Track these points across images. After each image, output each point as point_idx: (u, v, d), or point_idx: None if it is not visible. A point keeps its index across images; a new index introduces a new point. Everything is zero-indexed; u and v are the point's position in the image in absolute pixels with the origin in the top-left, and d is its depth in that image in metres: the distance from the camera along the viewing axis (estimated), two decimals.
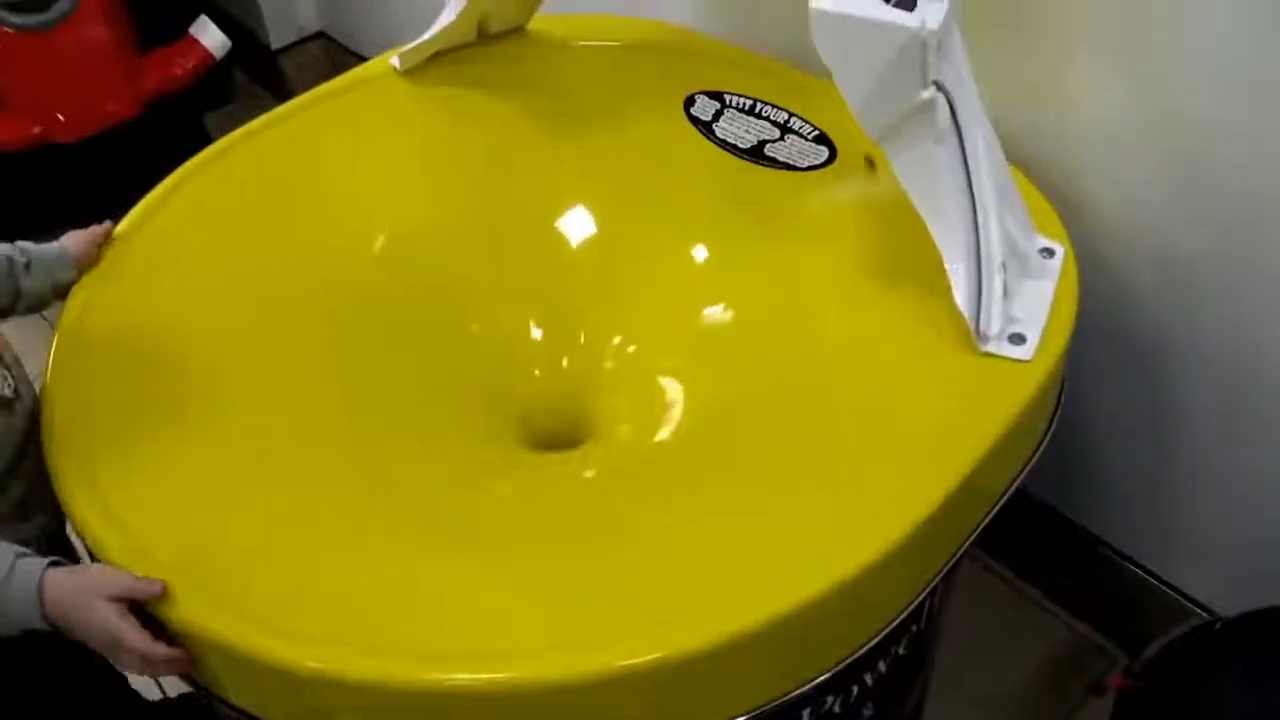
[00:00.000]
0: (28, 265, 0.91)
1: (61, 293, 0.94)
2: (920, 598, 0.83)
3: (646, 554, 0.78)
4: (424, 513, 0.84)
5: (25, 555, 0.76)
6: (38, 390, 0.89)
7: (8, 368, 0.85)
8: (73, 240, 0.96)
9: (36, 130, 1.66)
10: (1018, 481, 0.90)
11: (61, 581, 0.74)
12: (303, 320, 0.97)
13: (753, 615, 0.71)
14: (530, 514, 0.87)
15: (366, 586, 0.76)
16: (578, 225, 1.10)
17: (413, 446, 0.92)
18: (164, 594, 0.72)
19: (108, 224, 0.99)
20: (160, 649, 0.73)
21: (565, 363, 1.05)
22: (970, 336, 0.86)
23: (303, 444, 0.87)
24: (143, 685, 1.05)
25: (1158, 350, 1.09)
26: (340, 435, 0.89)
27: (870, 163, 0.96)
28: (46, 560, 0.76)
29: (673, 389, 0.98)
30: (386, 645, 0.72)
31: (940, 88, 0.81)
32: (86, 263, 0.96)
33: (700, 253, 1.05)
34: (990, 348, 0.86)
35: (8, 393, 0.83)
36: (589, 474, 0.95)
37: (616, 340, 1.04)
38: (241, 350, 0.94)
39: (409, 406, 0.96)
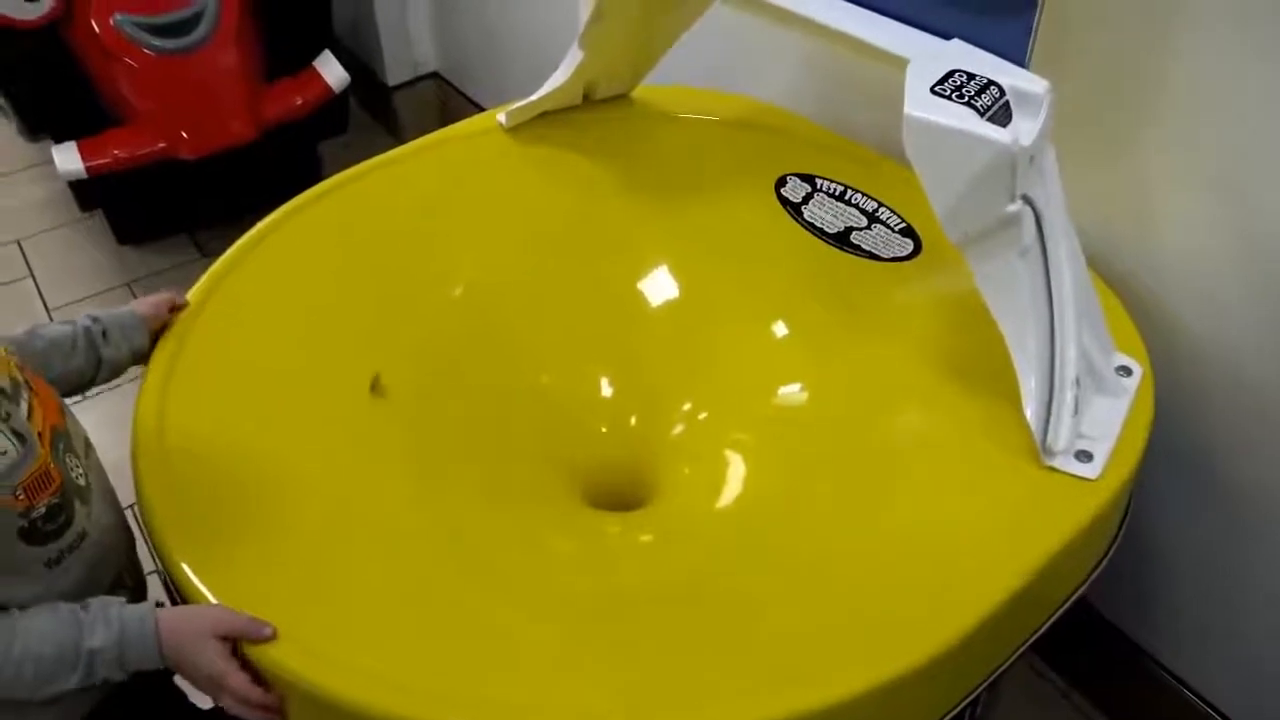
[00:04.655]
0: (105, 334, 0.91)
1: (138, 358, 0.94)
2: (961, 705, 0.82)
3: (689, 629, 0.79)
4: (485, 565, 0.86)
5: (119, 603, 0.77)
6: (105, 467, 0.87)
7: (78, 455, 0.83)
8: (141, 305, 0.96)
9: (161, 145, 1.75)
10: (1072, 599, 0.89)
11: (173, 619, 0.76)
12: (381, 366, 0.99)
13: (786, 707, 0.72)
14: (587, 574, 0.89)
15: (431, 635, 0.78)
16: (659, 289, 1.12)
17: (476, 489, 0.95)
18: (274, 637, 0.74)
19: (179, 296, 1.00)
20: (258, 693, 0.75)
21: (633, 421, 1.07)
22: (1036, 450, 0.85)
23: (375, 488, 0.89)
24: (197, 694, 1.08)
25: (1229, 478, 1.06)
26: (409, 476, 0.92)
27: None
28: (152, 601, 0.78)
29: (736, 463, 0.99)
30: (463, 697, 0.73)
31: (1028, 201, 0.82)
32: (156, 325, 0.96)
33: (778, 331, 1.06)
34: (1055, 463, 0.85)
35: (80, 482, 0.82)
36: (645, 538, 0.96)
37: (686, 406, 1.06)
38: (320, 400, 0.95)
39: (475, 450, 0.99)
